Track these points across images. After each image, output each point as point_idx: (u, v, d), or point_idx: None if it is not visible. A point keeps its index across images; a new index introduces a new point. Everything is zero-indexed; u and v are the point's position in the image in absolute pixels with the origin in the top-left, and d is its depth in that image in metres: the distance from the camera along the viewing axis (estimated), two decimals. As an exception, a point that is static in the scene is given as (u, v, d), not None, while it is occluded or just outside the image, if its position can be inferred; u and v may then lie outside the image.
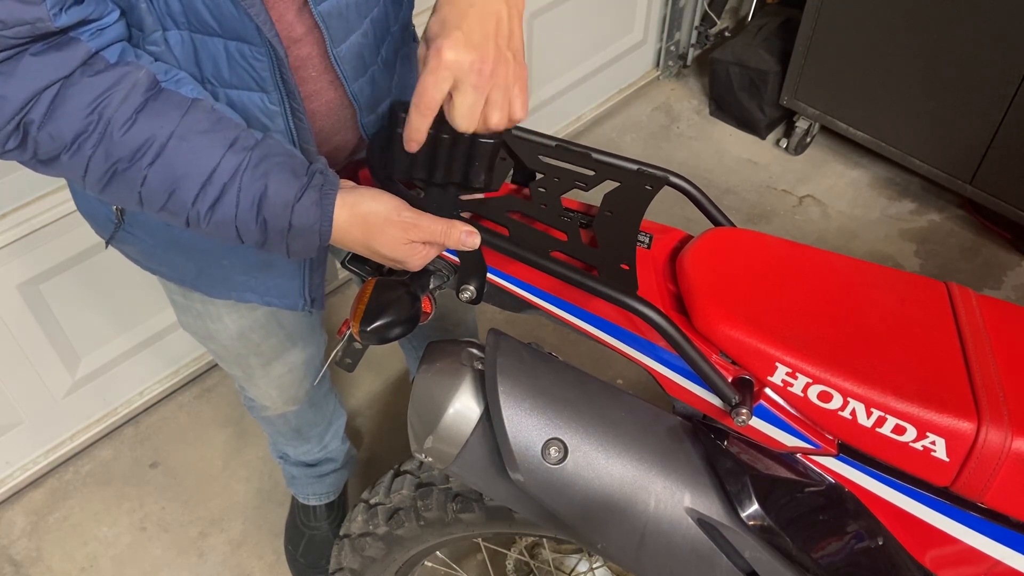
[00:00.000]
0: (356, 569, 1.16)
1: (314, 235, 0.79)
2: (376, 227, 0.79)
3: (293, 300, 1.04)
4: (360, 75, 0.90)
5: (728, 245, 0.88)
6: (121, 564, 1.66)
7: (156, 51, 0.77)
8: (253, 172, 0.76)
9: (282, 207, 0.77)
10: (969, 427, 0.74)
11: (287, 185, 0.77)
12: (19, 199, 1.45)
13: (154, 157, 0.73)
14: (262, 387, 1.27)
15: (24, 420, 1.68)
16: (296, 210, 0.77)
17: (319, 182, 0.78)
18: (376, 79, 0.92)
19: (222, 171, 0.75)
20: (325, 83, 0.88)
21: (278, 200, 0.77)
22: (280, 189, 0.77)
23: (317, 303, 1.05)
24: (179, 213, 0.77)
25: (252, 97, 0.82)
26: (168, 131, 0.73)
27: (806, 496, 0.81)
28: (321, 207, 0.78)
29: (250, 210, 0.77)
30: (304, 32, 0.82)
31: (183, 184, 0.75)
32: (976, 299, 0.86)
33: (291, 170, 0.78)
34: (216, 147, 0.75)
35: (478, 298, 0.84)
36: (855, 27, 2.15)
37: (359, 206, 0.79)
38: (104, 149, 0.72)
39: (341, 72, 0.87)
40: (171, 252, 0.98)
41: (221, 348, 1.18)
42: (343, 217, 0.79)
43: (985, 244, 2.24)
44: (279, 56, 0.79)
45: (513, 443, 0.79)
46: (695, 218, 0.98)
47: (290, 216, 0.77)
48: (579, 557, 1.34)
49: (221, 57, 0.79)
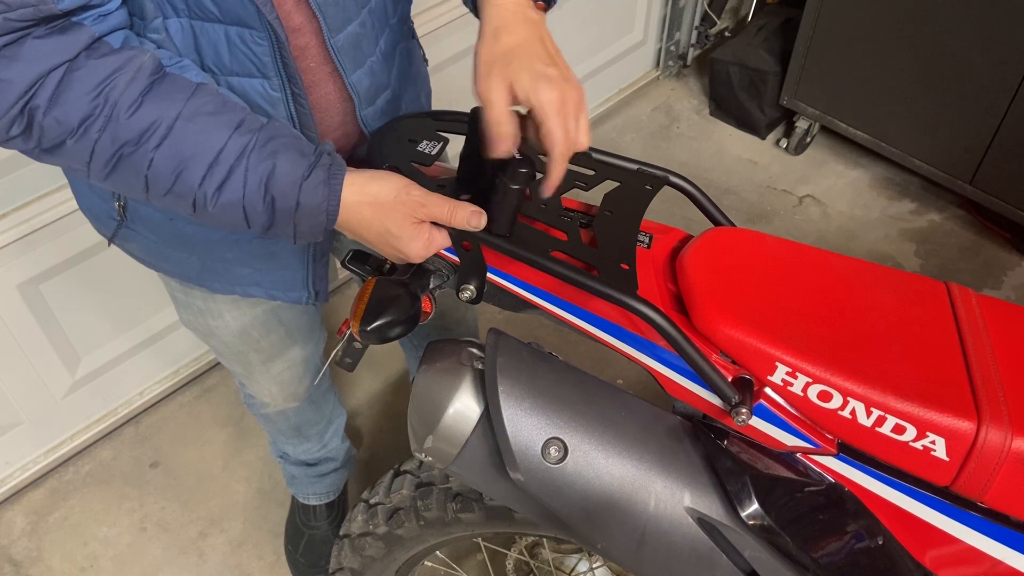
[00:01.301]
0: (356, 569, 1.16)
1: (321, 214, 0.78)
2: (386, 205, 0.79)
3: (297, 293, 1.04)
4: (358, 66, 0.90)
5: (728, 245, 0.88)
6: (121, 564, 1.66)
7: (157, 39, 0.78)
8: (260, 152, 0.76)
9: (290, 185, 0.76)
10: (969, 427, 0.74)
11: (295, 164, 0.77)
12: (19, 199, 1.45)
13: (160, 139, 0.73)
14: (262, 384, 1.28)
15: (24, 420, 1.68)
16: (304, 188, 0.77)
17: (327, 162, 0.78)
18: (375, 70, 0.93)
19: (229, 151, 0.75)
20: (324, 74, 0.88)
21: (286, 179, 0.76)
22: (288, 168, 0.76)
23: (321, 295, 1.05)
24: (186, 196, 0.76)
25: (253, 84, 0.82)
26: (174, 113, 0.73)
27: (806, 496, 0.81)
28: (329, 186, 0.78)
29: (258, 190, 0.76)
30: (302, 21, 0.83)
31: (190, 165, 0.74)
32: (976, 299, 0.86)
33: (299, 150, 0.78)
34: (223, 128, 0.75)
35: (478, 298, 0.84)
36: (855, 27, 2.15)
37: (368, 185, 0.79)
38: (111, 132, 0.72)
39: (339, 62, 0.87)
40: (175, 247, 0.98)
41: (222, 345, 1.18)
42: (351, 195, 0.79)
43: (985, 244, 2.24)
44: (280, 39, 0.79)
45: (513, 443, 0.79)
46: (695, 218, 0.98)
47: (298, 195, 0.77)
48: (579, 557, 1.34)
49: (222, 43, 0.79)
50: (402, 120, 0.93)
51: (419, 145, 0.88)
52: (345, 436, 1.58)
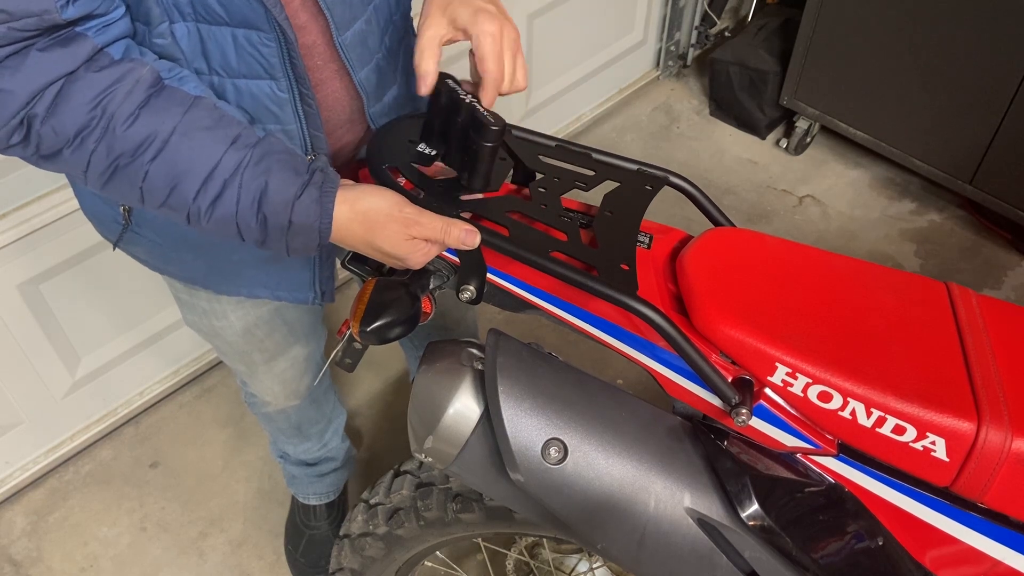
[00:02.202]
0: (356, 569, 1.16)
1: (314, 232, 0.79)
2: (377, 223, 0.79)
3: (304, 293, 1.04)
4: (366, 63, 0.90)
5: (728, 245, 0.88)
6: (121, 564, 1.66)
7: (162, 44, 0.78)
8: (254, 169, 0.76)
9: (282, 204, 0.77)
10: (969, 427, 0.74)
11: (288, 183, 0.77)
12: (19, 199, 1.45)
13: (156, 153, 0.73)
14: (265, 383, 1.28)
15: (24, 420, 1.68)
16: (296, 208, 0.77)
17: (319, 180, 0.79)
18: (381, 67, 0.93)
19: (223, 168, 0.75)
20: (330, 72, 0.88)
21: (278, 197, 0.77)
22: (280, 186, 0.77)
23: (327, 295, 1.05)
24: (180, 209, 0.77)
25: (261, 86, 0.82)
26: (170, 127, 0.73)
27: (806, 496, 0.81)
28: (321, 204, 0.78)
29: (251, 207, 0.77)
30: (308, 19, 0.83)
31: (184, 180, 0.75)
32: (976, 299, 0.86)
33: (292, 168, 0.78)
34: (218, 144, 0.75)
35: (478, 298, 0.84)
36: (855, 27, 2.15)
37: (360, 202, 0.79)
38: (106, 144, 0.72)
39: (347, 60, 0.87)
40: (181, 250, 0.98)
41: (225, 345, 1.19)
42: (343, 214, 0.79)
43: (985, 244, 2.24)
44: (289, 39, 0.79)
45: (513, 443, 0.79)
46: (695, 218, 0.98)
47: (290, 214, 0.77)
48: (579, 557, 1.34)
49: (229, 46, 0.79)
50: (401, 121, 0.93)
51: (418, 146, 0.88)
52: (345, 436, 1.58)
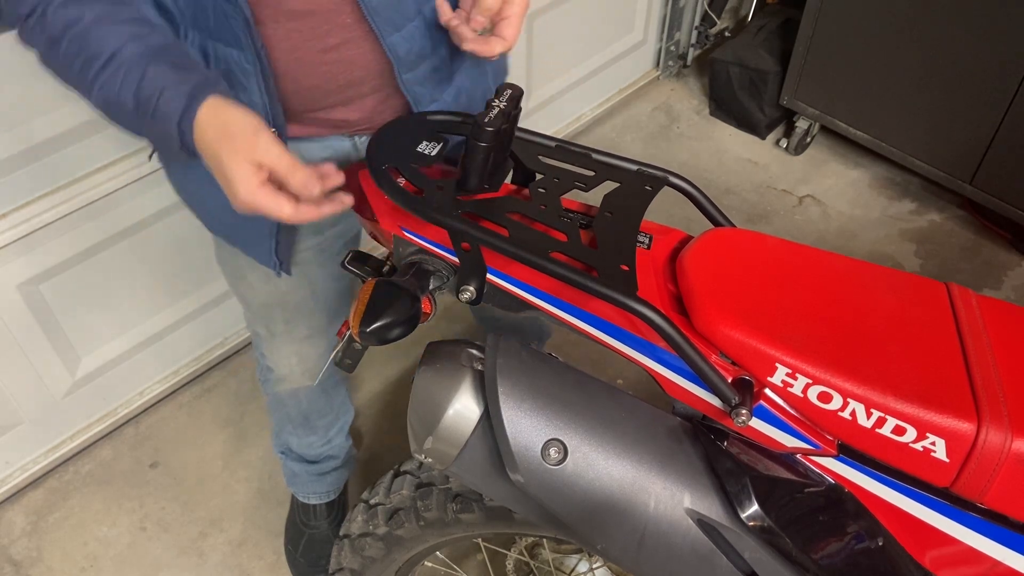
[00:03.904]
0: (356, 569, 1.16)
1: (173, 125, 0.81)
2: (229, 134, 0.79)
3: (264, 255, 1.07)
4: (397, 29, 0.93)
5: (728, 245, 0.88)
6: (121, 564, 1.66)
7: None
8: (147, 59, 0.81)
9: (154, 90, 0.80)
10: (969, 428, 0.74)
11: (165, 75, 0.81)
12: (19, 199, 1.45)
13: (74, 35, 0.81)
14: (283, 351, 1.28)
15: (24, 420, 1.68)
16: (164, 95, 0.80)
17: (197, 80, 0.81)
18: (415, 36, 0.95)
19: (122, 54, 0.81)
20: (361, 32, 0.91)
21: (152, 84, 0.80)
22: (157, 76, 0.80)
23: (284, 266, 1.08)
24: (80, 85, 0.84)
25: (231, 53, 0.89)
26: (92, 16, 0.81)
27: (806, 497, 0.81)
28: (188, 98, 0.80)
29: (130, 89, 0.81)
30: None
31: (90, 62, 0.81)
32: (976, 299, 0.86)
33: (182, 67, 0.82)
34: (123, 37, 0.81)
35: (478, 298, 0.84)
36: (855, 27, 2.15)
37: (224, 112, 0.80)
38: (41, 25, 0.82)
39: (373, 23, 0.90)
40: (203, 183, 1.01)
41: (249, 291, 1.20)
42: (205, 116, 0.80)
43: (985, 244, 2.25)
44: (245, 16, 0.84)
45: (513, 444, 0.79)
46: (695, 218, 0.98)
47: (157, 100, 0.80)
48: (579, 557, 1.34)
49: (209, 9, 0.86)
50: (400, 121, 0.93)
51: (418, 146, 0.88)
52: (348, 435, 1.58)
